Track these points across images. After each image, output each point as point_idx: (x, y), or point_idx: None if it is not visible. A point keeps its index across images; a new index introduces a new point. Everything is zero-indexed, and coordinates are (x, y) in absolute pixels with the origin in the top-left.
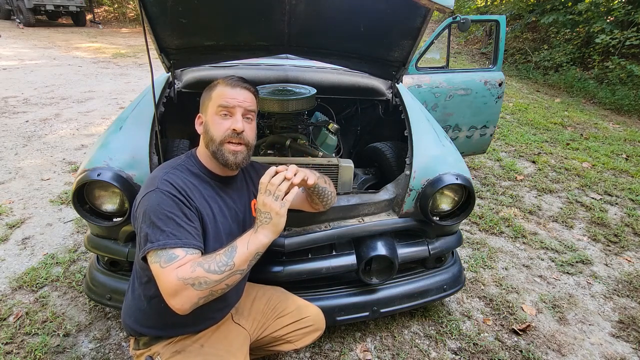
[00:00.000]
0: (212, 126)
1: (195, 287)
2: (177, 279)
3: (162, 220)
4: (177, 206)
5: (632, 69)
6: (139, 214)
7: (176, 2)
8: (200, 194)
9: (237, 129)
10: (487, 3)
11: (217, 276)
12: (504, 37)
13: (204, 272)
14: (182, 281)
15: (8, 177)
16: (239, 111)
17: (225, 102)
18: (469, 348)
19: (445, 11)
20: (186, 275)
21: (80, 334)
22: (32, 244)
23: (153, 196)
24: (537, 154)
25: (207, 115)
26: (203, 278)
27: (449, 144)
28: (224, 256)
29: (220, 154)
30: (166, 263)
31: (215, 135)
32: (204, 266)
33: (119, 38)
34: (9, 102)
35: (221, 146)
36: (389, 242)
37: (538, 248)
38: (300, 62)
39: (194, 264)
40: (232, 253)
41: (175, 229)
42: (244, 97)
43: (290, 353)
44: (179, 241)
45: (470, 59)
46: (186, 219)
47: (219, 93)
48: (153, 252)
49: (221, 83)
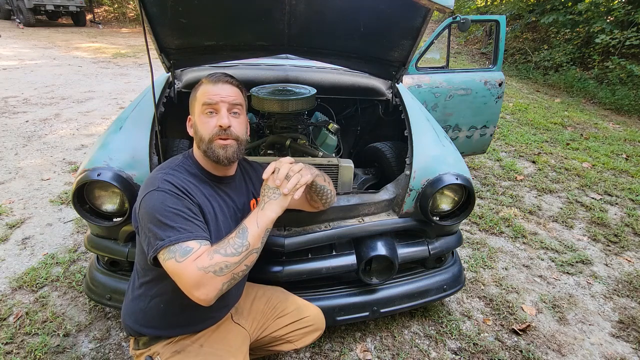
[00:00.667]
0: (200, 126)
1: (218, 274)
2: (197, 269)
3: (169, 217)
4: (181, 202)
5: (632, 69)
6: (142, 215)
7: (176, 2)
8: (200, 193)
9: (223, 125)
10: (487, 3)
11: (236, 258)
12: (504, 37)
13: (222, 257)
14: (204, 271)
15: (8, 177)
16: (223, 107)
17: (208, 99)
18: (469, 348)
19: (445, 11)
20: (206, 264)
21: (80, 334)
22: (32, 244)
23: (155, 195)
24: (537, 154)
25: (194, 115)
26: (223, 262)
27: (449, 144)
28: (237, 238)
29: (210, 151)
30: (182, 257)
31: (204, 135)
32: (221, 252)
33: (119, 38)
34: (9, 102)
35: (210, 144)
36: (389, 242)
37: (538, 248)
38: (300, 62)
39: (211, 252)
40: (244, 234)
41: (184, 223)
42: (227, 92)
43: (290, 353)
44: (191, 234)
45: (470, 59)
46: (192, 214)
47: (202, 91)
48: (165, 249)
49: (204, 81)
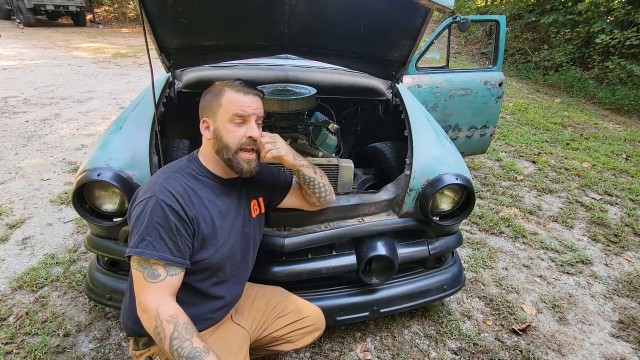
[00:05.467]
0: (226, 134)
1: (155, 331)
2: (154, 309)
3: (148, 228)
4: (166, 218)
5: (632, 69)
6: (132, 217)
7: (176, 2)
8: (199, 200)
9: (255, 136)
10: (487, 3)
11: (168, 352)
12: (504, 37)
13: (167, 337)
14: (155, 317)
15: (8, 177)
16: (253, 118)
17: (241, 110)
18: (469, 348)
19: (445, 11)
20: (162, 317)
21: (80, 334)
22: (32, 244)
23: (149, 203)
24: (537, 154)
25: (217, 121)
26: (163, 337)
27: (449, 144)
28: (190, 351)
29: (235, 162)
30: (150, 279)
31: (231, 143)
32: (174, 334)
33: (119, 38)
34: (9, 102)
35: (236, 155)
36: (389, 242)
37: (538, 248)
38: (300, 62)
39: (173, 320)
40: (201, 355)
41: (155, 240)
42: (257, 104)
43: (290, 353)
44: (155, 253)
45: (470, 59)
46: (170, 233)
47: (231, 100)
48: (136, 257)
49: (230, 88)
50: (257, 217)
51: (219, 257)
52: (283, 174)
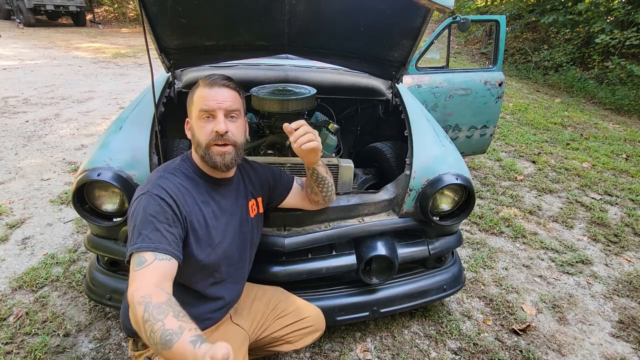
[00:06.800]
0: (197, 131)
1: (134, 320)
2: (131, 294)
3: (143, 223)
4: (161, 209)
5: (632, 69)
6: (129, 216)
7: (176, 2)
8: (192, 200)
9: (220, 131)
10: (487, 3)
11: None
12: (504, 37)
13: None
14: (131, 303)
15: (8, 177)
16: (220, 112)
17: (205, 105)
18: (469, 348)
19: (445, 11)
20: (135, 300)
21: (80, 334)
22: (32, 244)
23: (143, 199)
24: (537, 154)
25: (192, 119)
26: (135, 322)
27: (449, 144)
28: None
29: (208, 157)
30: (137, 267)
31: (201, 140)
32: (144, 316)
33: (119, 38)
34: (9, 102)
35: (208, 150)
36: (389, 242)
37: (538, 248)
38: (300, 62)
39: (144, 300)
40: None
41: (151, 232)
42: (223, 96)
43: (290, 353)
44: (152, 244)
45: (470, 59)
46: (165, 224)
47: (199, 95)
48: (134, 254)
49: (201, 84)
50: (255, 217)
51: (214, 258)
52: (284, 174)
